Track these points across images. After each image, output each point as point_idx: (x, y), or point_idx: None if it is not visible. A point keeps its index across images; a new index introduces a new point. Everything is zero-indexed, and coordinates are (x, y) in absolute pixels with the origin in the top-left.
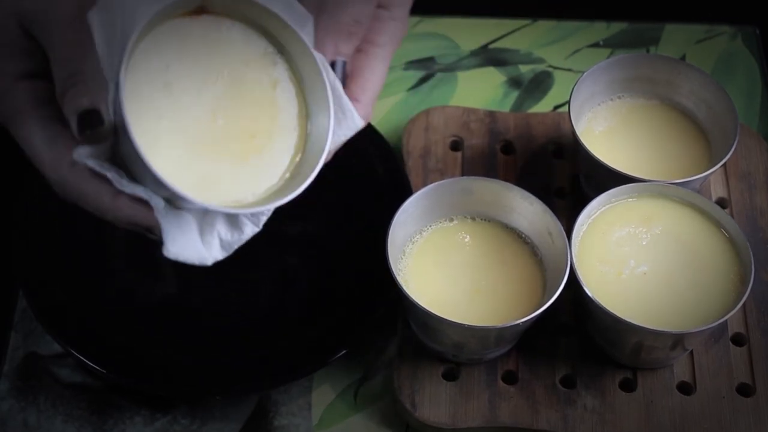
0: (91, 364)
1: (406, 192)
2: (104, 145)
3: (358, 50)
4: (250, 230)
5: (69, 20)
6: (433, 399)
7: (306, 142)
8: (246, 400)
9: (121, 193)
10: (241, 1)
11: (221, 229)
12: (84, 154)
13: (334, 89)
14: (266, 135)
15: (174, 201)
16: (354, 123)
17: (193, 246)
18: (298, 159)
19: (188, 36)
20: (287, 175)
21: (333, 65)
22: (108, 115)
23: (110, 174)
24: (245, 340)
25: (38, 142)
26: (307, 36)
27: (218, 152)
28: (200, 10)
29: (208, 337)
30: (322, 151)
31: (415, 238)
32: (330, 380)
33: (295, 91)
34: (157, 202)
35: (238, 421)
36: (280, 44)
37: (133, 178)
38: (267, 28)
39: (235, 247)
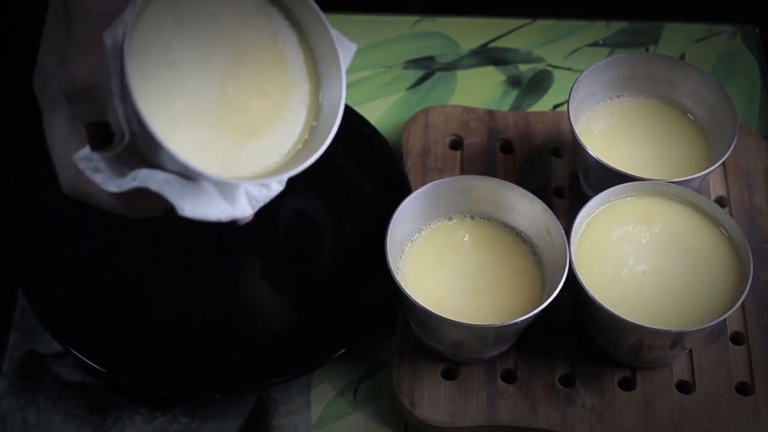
0: (90, 363)
1: (405, 191)
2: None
3: None
4: (276, 187)
5: (102, 14)
6: (432, 398)
7: (320, 90)
8: (245, 398)
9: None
10: None
11: (248, 186)
12: (82, 157)
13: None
14: (279, 91)
15: (196, 178)
16: (349, 49)
17: (216, 204)
18: (316, 107)
19: (180, 9)
20: (313, 122)
21: None
22: (118, 125)
23: (99, 177)
24: (245, 339)
25: (56, 138)
26: None
27: (235, 120)
28: None
29: (207, 336)
30: (339, 101)
31: (415, 237)
32: (329, 379)
33: (297, 39)
34: (157, 182)
35: (237, 420)
36: None
37: (154, 162)
38: None
39: (263, 203)
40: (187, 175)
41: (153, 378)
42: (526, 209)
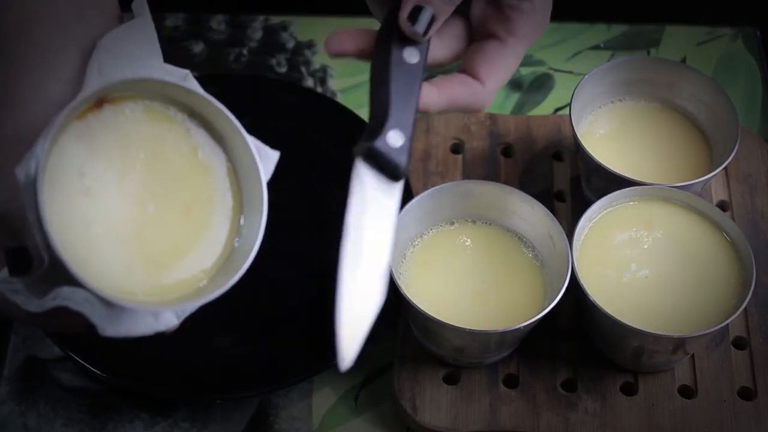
0: (91, 367)
1: (406, 195)
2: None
3: (497, 39)
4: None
5: (13, 140)
6: (433, 403)
7: (242, 198)
8: (247, 403)
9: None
10: (137, 81)
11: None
12: (1, 277)
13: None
14: (201, 206)
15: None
16: (270, 157)
17: (140, 321)
18: (240, 220)
19: (93, 133)
20: (235, 239)
21: (418, 11)
22: (36, 251)
23: (19, 298)
24: (245, 344)
25: None
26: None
27: (158, 241)
28: (100, 103)
29: (208, 340)
30: (261, 215)
31: (416, 242)
32: (331, 384)
33: (218, 151)
34: (77, 302)
35: (238, 425)
36: (188, 107)
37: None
38: (171, 96)
39: (189, 313)
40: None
41: (154, 382)
42: (528, 213)
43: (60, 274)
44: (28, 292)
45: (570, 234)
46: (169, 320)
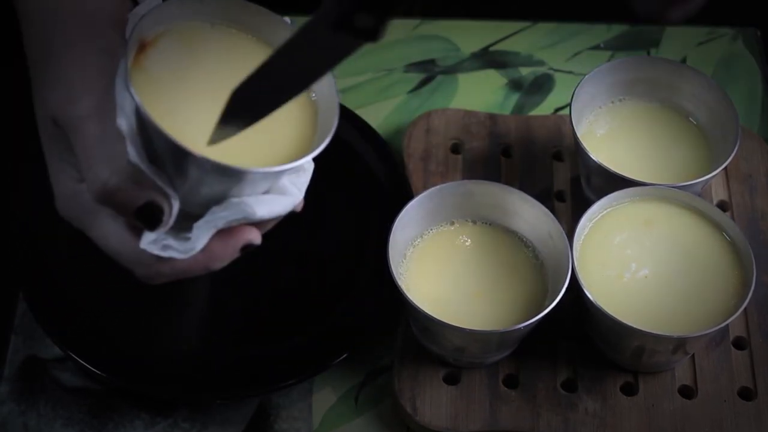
0: (91, 367)
1: (406, 195)
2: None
3: None
4: (309, 169)
5: (91, 115)
6: (434, 402)
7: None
8: (247, 403)
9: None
10: (168, 9)
11: (290, 177)
12: (148, 242)
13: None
14: None
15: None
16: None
17: (274, 201)
18: (312, 96)
19: (153, 71)
20: (312, 94)
21: None
22: (162, 191)
23: (173, 252)
24: (246, 344)
25: (114, 243)
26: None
27: (257, 133)
28: (143, 48)
29: (208, 340)
30: (334, 95)
31: (416, 242)
32: (331, 384)
33: (262, 44)
34: (220, 217)
35: (238, 425)
36: (220, 19)
37: (202, 202)
38: (202, 15)
39: (305, 186)
40: (236, 195)
41: (154, 383)
42: (528, 213)
43: (188, 206)
44: (176, 241)
45: (570, 234)
46: (297, 194)
